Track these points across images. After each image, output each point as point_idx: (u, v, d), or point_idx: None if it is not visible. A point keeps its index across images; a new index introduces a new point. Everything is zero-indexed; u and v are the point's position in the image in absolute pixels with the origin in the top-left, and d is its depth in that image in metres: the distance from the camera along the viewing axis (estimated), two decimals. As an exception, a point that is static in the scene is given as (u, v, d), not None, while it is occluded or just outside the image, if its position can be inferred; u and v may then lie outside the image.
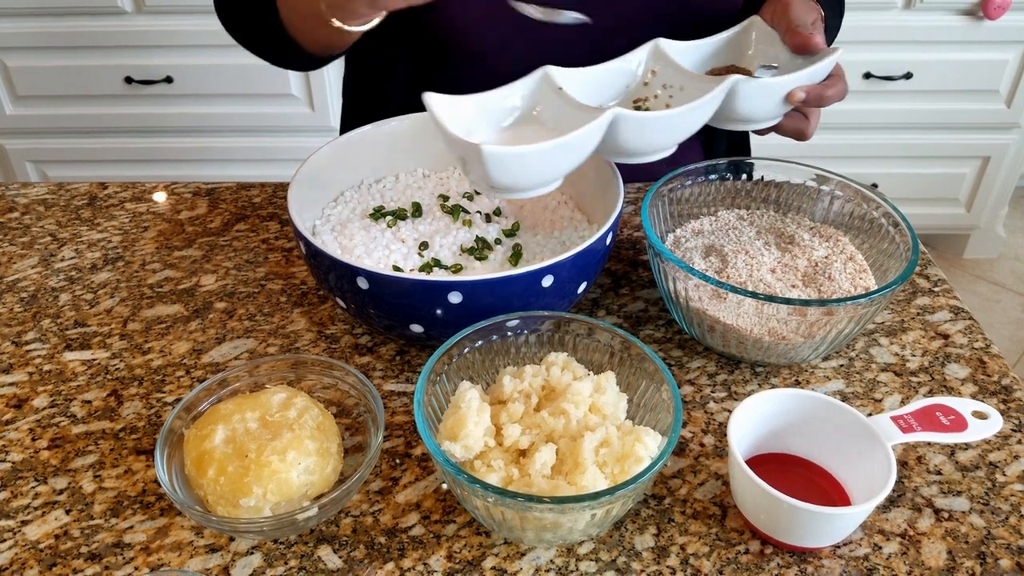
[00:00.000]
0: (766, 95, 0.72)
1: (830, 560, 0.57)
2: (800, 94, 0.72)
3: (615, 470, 0.55)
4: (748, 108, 0.72)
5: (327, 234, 0.77)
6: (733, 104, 0.71)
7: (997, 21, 1.81)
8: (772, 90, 0.72)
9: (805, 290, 0.71)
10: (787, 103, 0.73)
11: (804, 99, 0.72)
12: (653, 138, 0.70)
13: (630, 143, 0.68)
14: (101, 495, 0.61)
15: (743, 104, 0.71)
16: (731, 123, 0.75)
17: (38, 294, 0.81)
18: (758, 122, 0.75)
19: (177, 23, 1.82)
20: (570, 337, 0.65)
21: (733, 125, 0.75)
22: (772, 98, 0.72)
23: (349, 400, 0.66)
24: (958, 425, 0.59)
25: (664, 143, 0.71)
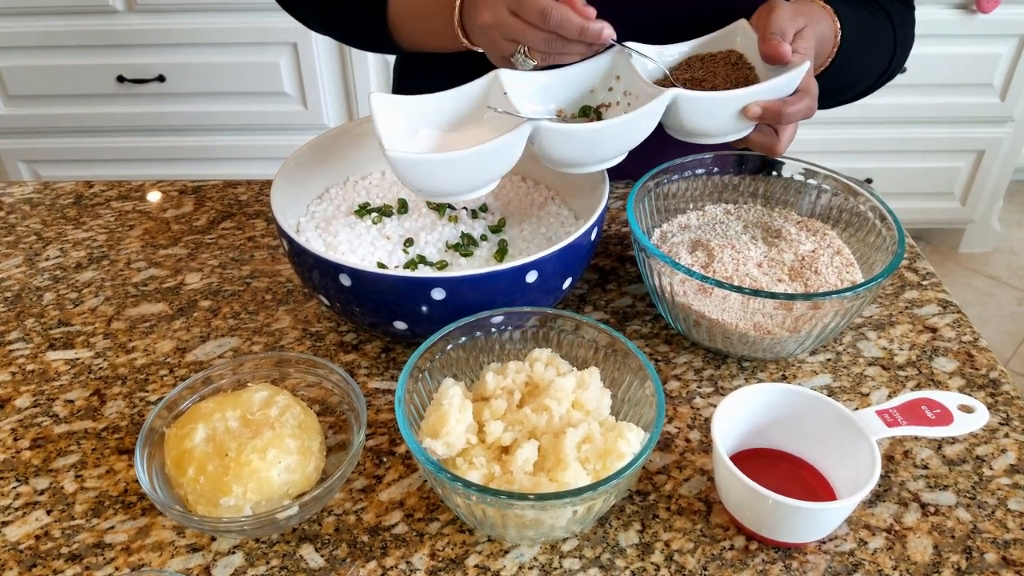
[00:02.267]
0: (712, 109, 0.68)
1: (815, 555, 0.57)
2: (755, 109, 0.67)
3: (597, 466, 0.55)
4: (695, 121, 0.68)
5: (311, 231, 0.76)
6: (679, 117, 0.68)
7: (990, 15, 1.80)
8: (719, 104, 0.67)
9: (791, 284, 0.71)
10: (744, 117, 0.68)
11: (760, 115, 0.67)
12: (581, 151, 0.67)
13: (556, 154, 0.66)
14: (82, 495, 0.61)
15: (688, 117, 0.68)
16: (689, 136, 0.71)
17: (22, 293, 0.80)
18: (716, 136, 0.71)
19: (169, 22, 1.81)
20: (555, 333, 0.65)
21: (692, 139, 0.71)
22: (722, 112, 0.68)
23: (333, 398, 0.65)
24: (944, 419, 0.59)
25: (597, 156, 0.68)
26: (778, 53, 0.68)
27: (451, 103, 0.69)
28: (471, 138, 0.69)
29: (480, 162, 0.64)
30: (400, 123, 0.67)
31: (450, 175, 0.64)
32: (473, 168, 0.64)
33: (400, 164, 0.62)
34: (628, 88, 0.71)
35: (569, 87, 0.72)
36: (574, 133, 0.66)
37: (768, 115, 0.68)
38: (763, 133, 0.72)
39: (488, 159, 0.64)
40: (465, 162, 0.63)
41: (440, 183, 0.65)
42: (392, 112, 0.67)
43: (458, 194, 0.66)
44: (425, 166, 0.63)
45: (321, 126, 1.91)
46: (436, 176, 0.64)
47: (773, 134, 0.72)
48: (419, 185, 0.64)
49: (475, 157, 0.63)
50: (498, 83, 0.68)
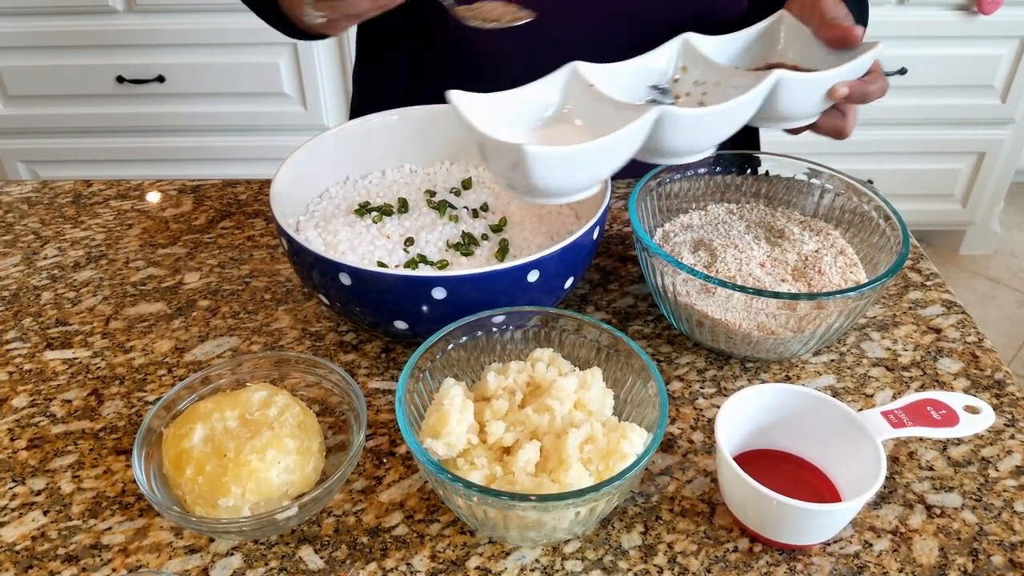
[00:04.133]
0: (809, 91, 0.68)
1: (820, 558, 0.56)
2: (843, 89, 0.68)
3: (600, 467, 0.54)
4: (790, 105, 0.69)
5: (311, 230, 0.76)
6: (775, 101, 0.67)
7: (991, 16, 1.80)
8: (816, 86, 0.68)
9: (795, 284, 0.70)
10: (828, 100, 0.69)
11: (847, 95, 0.68)
12: (696, 137, 0.66)
13: (671, 142, 0.65)
14: (79, 496, 0.60)
15: (785, 101, 0.68)
16: (769, 121, 0.71)
17: (20, 292, 0.80)
18: (797, 120, 0.71)
19: (168, 22, 1.81)
20: (557, 333, 0.64)
21: (770, 123, 0.71)
22: (815, 94, 0.69)
23: (333, 398, 0.65)
24: (949, 420, 0.58)
25: (707, 142, 0.67)
26: (852, 36, 0.70)
27: (529, 100, 0.67)
28: (562, 136, 0.66)
29: (611, 152, 0.61)
30: (483, 121, 0.63)
31: (583, 168, 0.61)
32: (605, 158, 0.61)
33: (539, 161, 0.57)
34: (700, 78, 0.71)
35: (637, 80, 0.71)
36: (699, 117, 0.64)
37: (853, 95, 0.69)
38: (831, 116, 0.73)
39: (619, 147, 0.61)
40: (601, 152, 0.60)
41: (571, 178, 0.61)
42: (475, 109, 0.63)
43: (579, 191, 0.63)
44: (566, 160, 0.59)
45: (321, 127, 1.91)
46: (574, 169, 0.60)
47: (841, 116, 0.73)
48: (548, 183, 0.60)
49: (612, 145, 0.59)
50: (579, 77, 0.67)
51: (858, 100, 0.70)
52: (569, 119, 0.68)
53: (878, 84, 0.71)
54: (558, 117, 0.68)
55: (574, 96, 0.67)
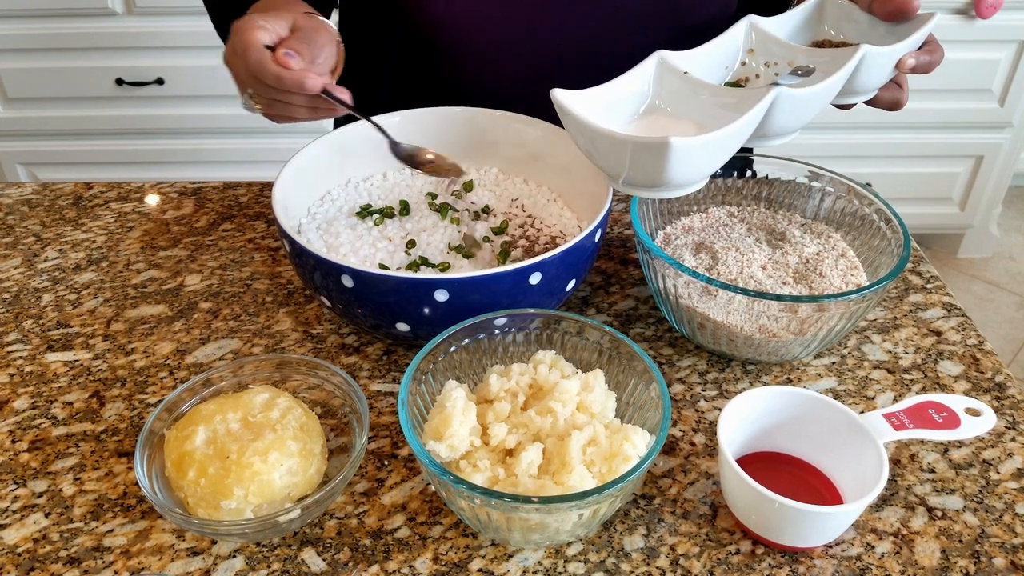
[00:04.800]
0: (886, 64, 0.70)
1: (822, 560, 0.56)
2: (911, 60, 0.70)
3: (603, 469, 0.54)
4: (867, 78, 0.70)
5: (312, 232, 0.76)
6: (857, 74, 0.69)
7: (989, 20, 1.81)
8: (891, 59, 0.69)
9: (796, 287, 0.70)
10: (894, 71, 0.71)
11: (914, 66, 0.70)
12: (801, 115, 0.67)
13: (780, 122, 0.65)
14: (81, 498, 0.60)
15: (866, 74, 0.69)
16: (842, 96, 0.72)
17: (20, 295, 0.80)
18: (867, 92, 0.73)
19: (168, 24, 1.81)
20: (559, 335, 0.64)
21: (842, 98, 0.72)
22: (888, 67, 0.70)
23: (335, 400, 0.65)
24: (951, 422, 0.59)
25: (806, 119, 0.68)
26: (910, 7, 0.72)
27: (624, 92, 0.67)
28: (659, 124, 0.67)
29: (739, 135, 0.61)
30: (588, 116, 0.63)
31: (716, 155, 0.61)
32: (732, 144, 0.61)
33: (683, 152, 0.57)
34: (769, 58, 0.73)
35: (711, 65, 0.72)
36: (812, 94, 0.65)
37: (920, 66, 0.71)
38: (889, 89, 0.74)
39: (745, 131, 0.61)
40: (732, 137, 0.60)
41: (702, 166, 0.61)
42: (581, 107, 0.62)
43: (701, 180, 0.64)
44: (703, 148, 0.58)
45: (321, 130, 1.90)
46: (703, 158, 0.60)
47: (898, 88, 0.75)
48: (682, 174, 0.60)
49: (741, 129, 0.60)
50: (668, 65, 0.67)
51: (923, 70, 0.72)
52: (662, 109, 0.68)
53: (939, 53, 0.73)
54: (651, 107, 0.68)
55: (664, 85, 0.68)
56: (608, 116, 0.66)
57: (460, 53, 0.87)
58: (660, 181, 0.60)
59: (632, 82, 0.67)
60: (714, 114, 0.63)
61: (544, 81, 0.68)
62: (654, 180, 0.60)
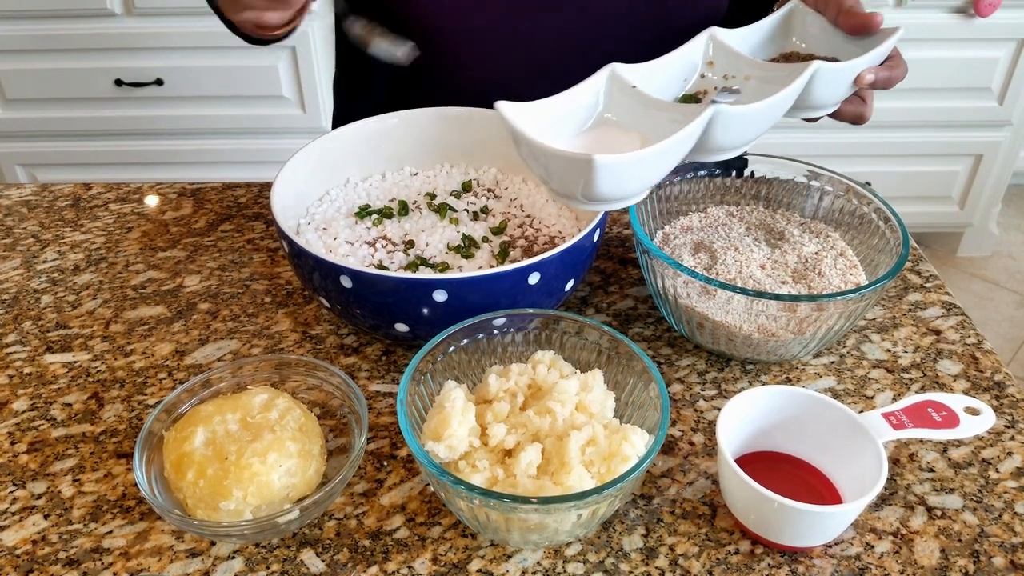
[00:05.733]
0: (842, 79, 0.69)
1: (821, 559, 0.56)
2: (869, 76, 0.69)
3: (602, 469, 0.54)
4: (822, 94, 0.69)
5: (311, 233, 0.76)
6: (808, 90, 0.68)
7: (988, 19, 1.81)
8: (848, 74, 0.69)
9: (795, 286, 0.70)
10: (854, 86, 0.70)
11: (873, 81, 0.70)
12: (745, 132, 0.66)
13: (721, 139, 0.65)
14: (80, 500, 0.60)
15: (820, 89, 0.68)
16: (799, 111, 0.71)
17: (19, 296, 0.80)
18: (826, 108, 0.72)
19: (167, 25, 1.81)
20: (558, 335, 0.64)
21: (799, 113, 0.72)
22: (846, 82, 0.70)
23: (334, 401, 0.65)
24: (950, 421, 0.59)
25: (752, 136, 0.68)
26: (873, 22, 0.71)
27: (571, 105, 0.66)
28: (605, 138, 0.66)
29: (673, 152, 0.61)
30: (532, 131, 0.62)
31: (648, 171, 0.61)
32: (665, 160, 0.61)
33: (609, 169, 0.57)
34: (728, 71, 0.72)
35: (668, 78, 0.72)
36: (754, 112, 0.64)
37: (879, 81, 0.70)
38: (851, 103, 0.74)
39: (680, 148, 0.61)
40: (664, 154, 0.60)
41: (633, 183, 0.61)
42: (523, 120, 0.62)
43: (637, 195, 0.63)
44: (632, 165, 0.58)
45: (320, 130, 1.91)
46: (633, 175, 0.60)
47: (861, 102, 0.74)
48: (613, 190, 0.60)
49: (674, 146, 0.59)
50: (619, 79, 0.66)
51: (883, 85, 0.71)
52: (610, 122, 0.68)
53: (900, 69, 0.72)
54: (600, 121, 0.68)
55: (615, 98, 0.67)
56: (556, 128, 0.65)
57: (449, 52, 0.87)
58: (590, 195, 0.60)
59: (583, 94, 0.67)
60: (663, 128, 0.61)
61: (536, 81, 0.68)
62: (585, 194, 0.60)
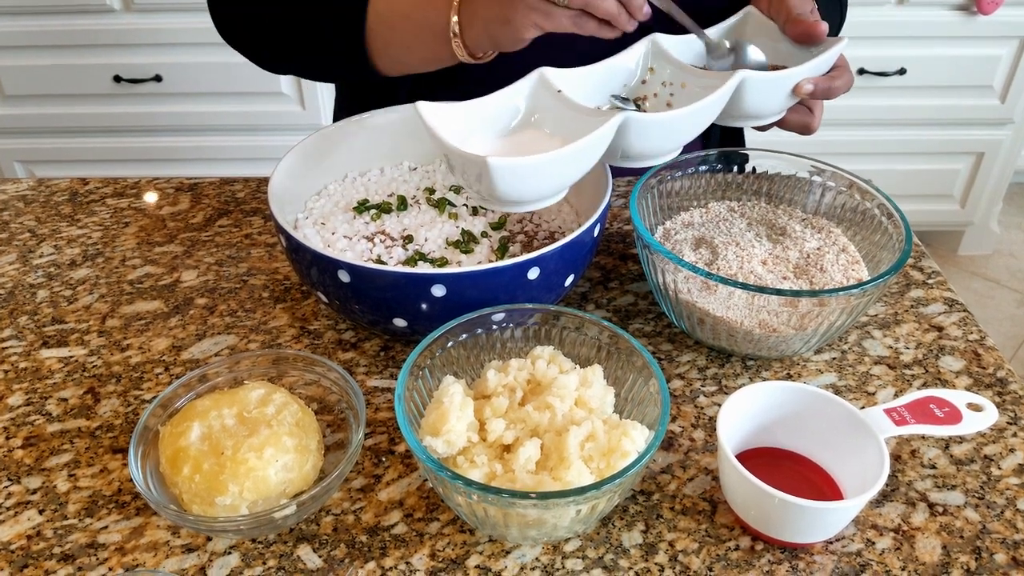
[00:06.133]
0: (774, 89, 0.69)
1: (822, 556, 0.56)
2: (808, 86, 0.68)
3: (601, 465, 0.53)
4: (755, 103, 0.69)
5: (309, 228, 0.75)
6: (740, 100, 0.68)
7: (991, 16, 1.80)
8: (780, 84, 0.68)
9: (796, 282, 0.70)
10: (793, 96, 0.69)
11: (812, 91, 0.69)
12: (662, 140, 0.66)
13: (637, 146, 0.65)
14: (75, 494, 0.60)
15: (750, 100, 0.68)
16: (735, 120, 0.72)
17: (15, 291, 0.79)
18: (764, 118, 0.72)
19: (166, 21, 1.80)
20: (557, 331, 0.64)
21: (737, 122, 0.72)
22: (779, 92, 0.69)
23: (331, 396, 0.64)
24: (952, 418, 0.58)
25: (671, 145, 0.68)
26: (818, 31, 0.70)
27: (498, 108, 0.66)
28: (530, 143, 0.66)
29: (578, 158, 0.60)
30: (450, 131, 0.63)
31: (548, 177, 0.60)
32: (571, 166, 0.61)
33: (503, 171, 0.57)
34: (668, 79, 0.71)
35: (604, 83, 0.71)
36: (665, 121, 0.64)
37: (818, 91, 0.69)
38: (798, 112, 0.73)
39: (585, 154, 0.61)
40: (566, 160, 0.59)
41: (536, 187, 0.61)
42: (441, 120, 0.63)
43: (544, 198, 0.63)
44: (529, 169, 0.59)
45: (319, 126, 1.90)
46: (538, 178, 0.60)
47: (808, 112, 0.73)
48: (513, 192, 0.60)
49: (576, 153, 0.59)
50: (546, 83, 0.66)
51: (823, 96, 0.70)
52: (538, 125, 0.67)
53: (844, 79, 0.71)
54: (527, 124, 0.68)
55: (541, 102, 0.67)
56: (481, 130, 0.66)
57: None
58: (492, 196, 0.60)
59: (508, 97, 0.66)
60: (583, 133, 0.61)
61: None
62: (491, 195, 0.60)
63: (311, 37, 0.79)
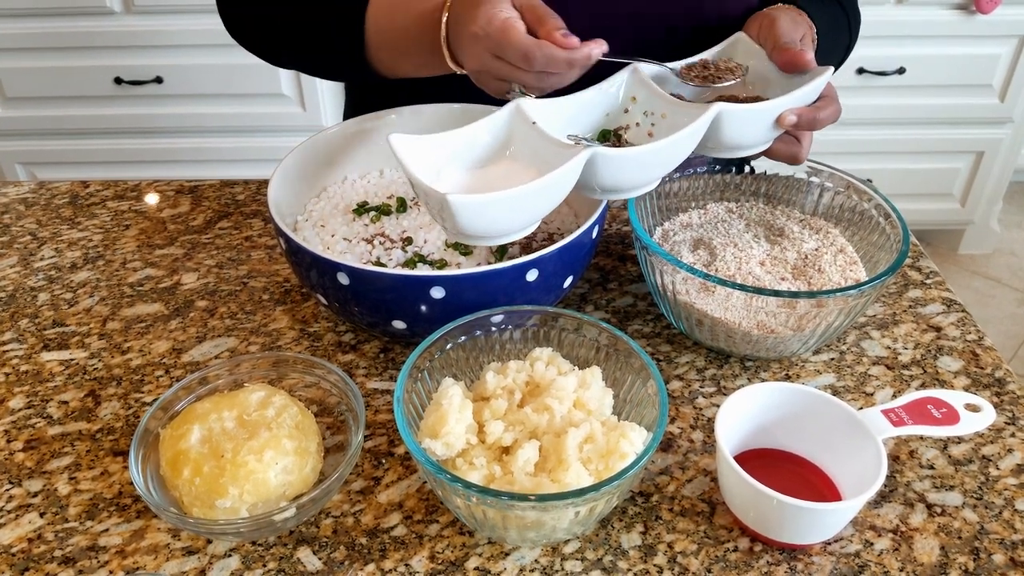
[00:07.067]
0: (754, 121, 0.67)
1: (820, 557, 0.56)
2: (791, 117, 0.66)
3: (599, 466, 0.54)
4: (735, 136, 0.67)
5: (308, 230, 0.75)
6: (719, 132, 0.66)
7: (990, 15, 1.80)
8: (761, 115, 0.67)
9: (795, 283, 0.70)
10: (777, 127, 0.68)
11: (795, 123, 0.67)
12: (633, 175, 0.65)
13: (610, 180, 0.64)
14: (76, 497, 0.60)
15: (730, 132, 0.66)
16: (717, 151, 0.70)
17: (16, 294, 0.79)
18: (747, 149, 0.70)
19: (166, 23, 1.80)
20: (556, 332, 0.64)
21: (719, 153, 0.70)
22: (761, 124, 0.67)
23: (331, 399, 0.65)
24: (950, 418, 0.58)
25: (646, 178, 0.66)
26: (803, 61, 0.68)
27: (472, 139, 0.65)
28: (503, 176, 0.65)
29: (542, 195, 0.59)
30: (422, 164, 0.62)
31: (512, 213, 0.60)
32: (535, 202, 0.60)
33: (464, 208, 0.56)
34: (649, 108, 0.70)
35: (584, 113, 0.70)
36: (634, 156, 0.63)
37: (802, 123, 0.67)
38: (786, 142, 0.71)
39: (550, 191, 0.60)
40: (529, 197, 0.58)
41: (500, 223, 0.60)
42: (413, 153, 0.62)
43: (511, 233, 0.62)
44: (491, 207, 0.58)
45: (319, 128, 1.90)
46: (501, 214, 0.59)
47: (796, 142, 0.71)
48: (476, 228, 0.59)
49: (540, 190, 0.58)
50: (522, 114, 0.65)
51: (807, 127, 0.68)
52: (514, 157, 0.66)
53: (829, 110, 0.69)
54: (502, 156, 0.66)
55: (516, 134, 0.66)
56: (455, 162, 0.64)
57: None
58: (459, 231, 0.59)
59: (484, 130, 0.65)
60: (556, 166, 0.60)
61: None
62: (455, 230, 0.59)
63: (316, 37, 0.79)
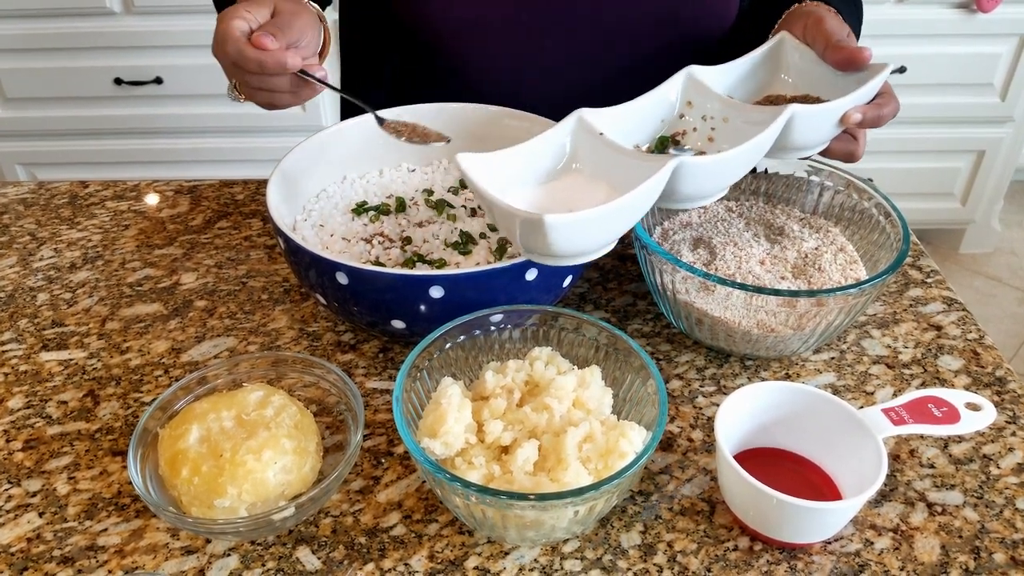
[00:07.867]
0: (823, 121, 0.66)
1: (821, 556, 0.56)
2: (856, 115, 0.66)
3: (599, 466, 0.54)
4: (803, 136, 0.66)
5: (308, 230, 0.75)
6: (788, 133, 0.65)
7: (990, 14, 1.80)
8: (829, 115, 0.66)
9: (795, 282, 0.70)
10: (840, 126, 0.67)
11: (860, 120, 0.66)
12: (715, 181, 0.64)
13: (692, 188, 0.62)
14: (75, 497, 0.60)
15: (799, 133, 0.65)
16: (780, 152, 0.68)
17: (15, 294, 0.79)
18: (810, 149, 0.69)
19: (166, 23, 1.80)
20: (555, 332, 0.64)
21: (782, 155, 0.68)
22: (828, 123, 0.67)
23: (330, 398, 0.64)
24: (951, 417, 0.58)
25: (723, 184, 0.65)
26: (861, 58, 0.68)
27: (535, 154, 0.64)
28: (570, 189, 0.63)
29: (632, 208, 0.58)
30: (490, 183, 0.59)
31: (603, 229, 0.58)
32: (625, 216, 0.58)
33: (562, 228, 0.54)
34: (708, 113, 0.69)
35: (642, 121, 0.69)
36: (720, 163, 0.61)
37: (867, 120, 0.67)
38: (843, 140, 0.70)
39: (639, 203, 0.58)
40: (623, 211, 0.57)
41: (592, 240, 0.58)
42: (481, 172, 0.59)
43: (599, 250, 0.60)
44: (587, 224, 0.56)
45: (318, 128, 1.90)
46: (590, 232, 0.57)
47: (853, 140, 0.71)
48: (570, 247, 0.57)
49: (632, 203, 0.57)
50: (586, 125, 0.64)
51: (871, 124, 0.68)
52: (579, 170, 0.65)
53: (891, 106, 0.69)
54: (567, 170, 0.65)
55: (582, 146, 0.65)
56: (521, 179, 0.63)
57: (460, 64, 0.86)
58: (548, 252, 0.57)
59: (548, 143, 0.64)
60: (630, 178, 0.58)
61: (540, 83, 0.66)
62: (544, 251, 0.57)
63: None
